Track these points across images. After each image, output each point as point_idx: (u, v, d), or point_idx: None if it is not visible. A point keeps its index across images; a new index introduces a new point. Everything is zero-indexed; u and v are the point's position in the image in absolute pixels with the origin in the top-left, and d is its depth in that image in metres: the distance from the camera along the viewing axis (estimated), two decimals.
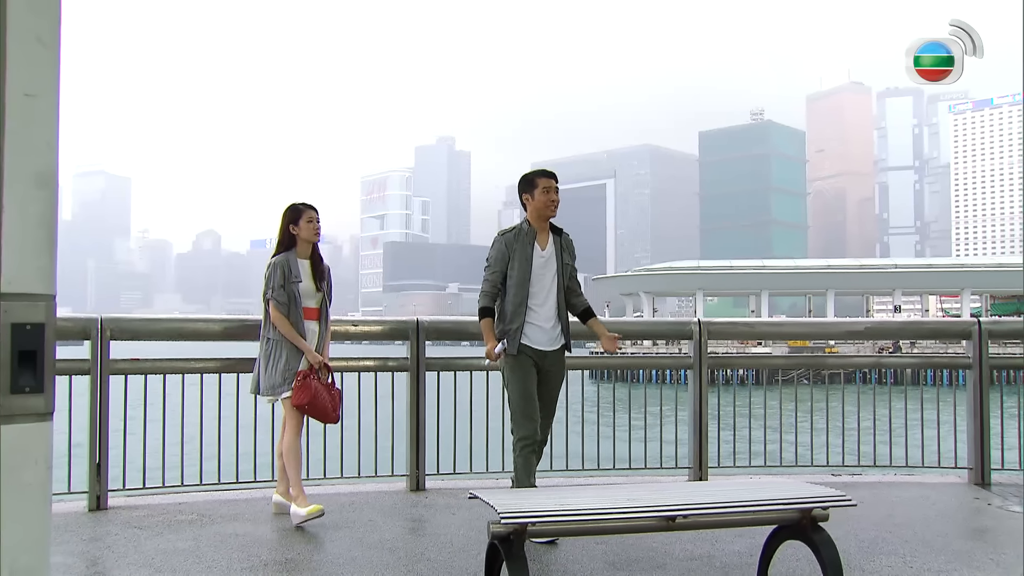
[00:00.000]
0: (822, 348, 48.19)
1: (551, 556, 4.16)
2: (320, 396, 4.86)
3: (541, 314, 4.71)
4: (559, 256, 4.78)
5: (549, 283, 4.73)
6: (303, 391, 4.81)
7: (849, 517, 4.95)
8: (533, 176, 4.89)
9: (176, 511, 5.07)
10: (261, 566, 3.96)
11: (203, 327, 5.70)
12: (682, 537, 4.36)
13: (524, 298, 4.68)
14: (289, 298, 4.90)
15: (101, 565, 4.04)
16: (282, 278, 4.93)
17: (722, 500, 3.07)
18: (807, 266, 74.84)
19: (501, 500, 2.95)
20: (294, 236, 5.06)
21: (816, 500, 3.10)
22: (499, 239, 4.83)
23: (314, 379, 4.85)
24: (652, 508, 2.99)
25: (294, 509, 4.76)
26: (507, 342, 4.65)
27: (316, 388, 4.83)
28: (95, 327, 5.20)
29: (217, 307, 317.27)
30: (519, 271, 4.67)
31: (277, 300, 4.88)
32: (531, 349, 4.69)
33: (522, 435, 4.63)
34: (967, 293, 65.58)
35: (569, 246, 4.89)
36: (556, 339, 4.76)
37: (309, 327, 4.99)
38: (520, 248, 4.71)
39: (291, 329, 4.87)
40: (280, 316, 4.88)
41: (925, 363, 6.82)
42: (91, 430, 5.14)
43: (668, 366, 6.21)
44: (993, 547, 4.35)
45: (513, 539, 2.91)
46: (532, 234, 4.76)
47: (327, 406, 4.92)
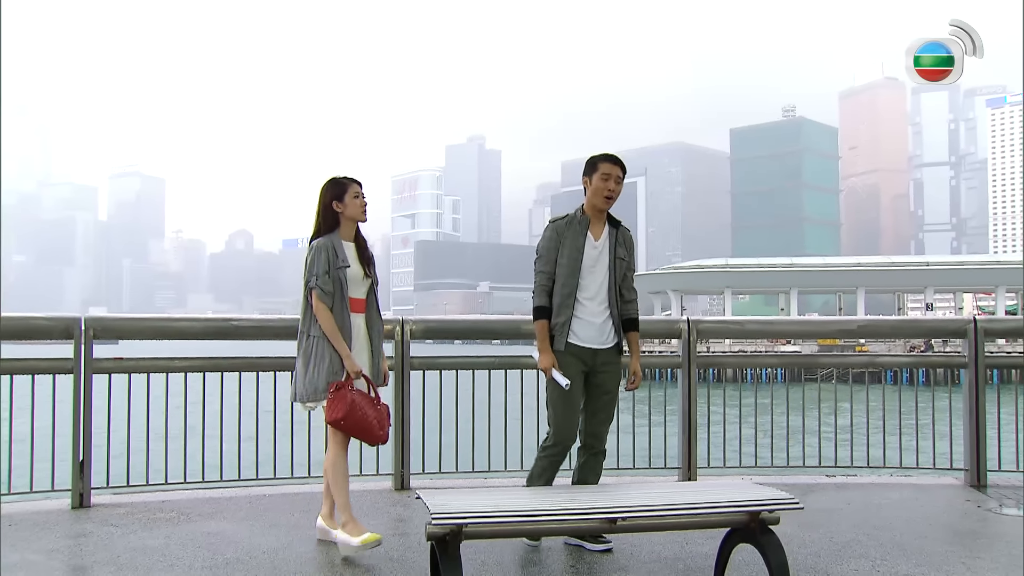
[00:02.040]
0: (852, 347, 47.74)
1: (517, 555, 4.12)
2: (359, 411, 4.15)
3: (591, 308, 4.29)
4: (612, 249, 4.36)
5: (601, 277, 4.31)
6: (336, 405, 4.14)
7: (830, 519, 4.91)
8: (596, 159, 4.41)
9: (157, 509, 5.11)
10: (223, 564, 3.97)
11: (186, 326, 5.73)
12: (652, 538, 4.32)
13: (573, 290, 4.27)
14: (335, 286, 4.24)
15: (68, 562, 4.06)
16: (327, 263, 4.23)
17: (664, 503, 3.02)
18: (837, 264, 73.93)
19: (437, 500, 2.93)
20: (337, 215, 4.36)
21: (762, 503, 3.05)
22: (550, 227, 4.41)
23: (351, 391, 4.16)
24: (589, 510, 2.96)
25: (342, 537, 4.13)
26: (560, 373, 4.19)
27: (353, 401, 4.14)
28: (77, 327, 5.26)
29: (249, 307, 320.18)
30: (569, 261, 4.28)
31: (322, 288, 4.19)
32: (578, 348, 4.27)
33: (554, 442, 4.27)
34: (1002, 290, 64.40)
35: (627, 241, 4.46)
36: (608, 336, 4.32)
37: (355, 321, 4.32)
38: (571, 237, 4.32)
39: (333, 325, 4.20)
40: (323, 308, 4.20)
41: (920, 362, 6.69)
42: (74, 428, 5.19)
43: (656, 365, 6.14)
44: (969, 550, 4.25)
45: (449, 540, 2.89)
46: (585, 223, 4.36)
47: (371, 423, 4.19)
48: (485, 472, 5.91)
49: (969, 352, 5.94)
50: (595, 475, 4.41)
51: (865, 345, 46.66)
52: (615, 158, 4.41)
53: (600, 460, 4.41)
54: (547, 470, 4.32)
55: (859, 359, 6.44)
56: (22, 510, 5.09)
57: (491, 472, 5.92)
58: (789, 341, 49.90)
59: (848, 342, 46.59)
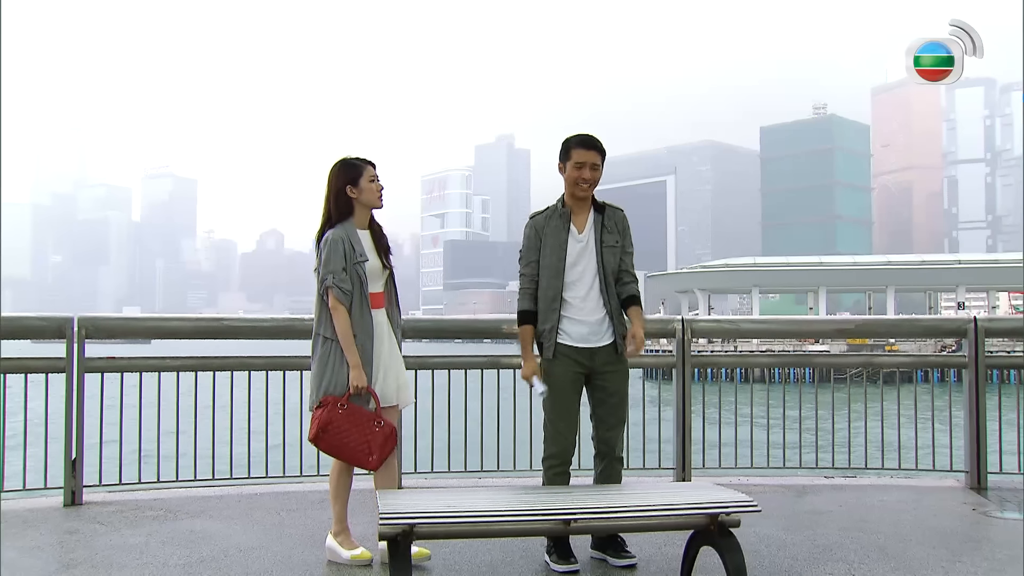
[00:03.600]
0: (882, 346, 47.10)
1: (474, 556, 4.09)
2: (339, 434, 3.78)
3: (583, 308, 3.95)
4: (599, 238, 3.98)
5: (590, 272, 3.97)
6: (313, 423, 3.81)
7: (817, 521, 4.85)
8: (570, 144, 4.00)
9: (146, 507, 5.16)
10: (197, 562, 4.00)
11: (177, 326, 5.80)
12: (629, 539, 4.27)
13: (558, 293, 3.94)
14: (354, 283, 3.88)
15: (48, 559, 4.09)
16: (343, 258, 3.86)
17: (619, 505, 2.99)
18: (866, 262, 72.89)
19: (388, 501, 2.93)
20: (351, 201, 3.96)
21: (719, 506, 3.01)
22: (529, 223, 4.08)
23: (341, 407, 3.78)
24: (542, 512, 2.94)
25: (333, 545, 3.99)
26: (540, 380, 3.96)
27: (331, 422, 3.76)
28: (70, 326, 5.32)
29: (280, 306, 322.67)
30: (551, 260, 3.95)
31: (340, 287, 3.82)
32: (572, 348, 3.95)
33: (549, 453, 4.01)
34: None
35: (619, 223, 4.05)
36: (606, 333, 3.97)
37: (376, 318, 3.98)
38: (552, 232, 3.98)
39: (348, 330, 3.83)
40: (342, 309, 3.82)
41: (920, 363, 6.57)
42: (67, 426, 5.25)
43: (651, 365, 6.09)
44: (952, 553, 4.16)
45: (400, 540, 2.88)
46: (567, 215, 4.00)
47: (353, 448, 3.80)
48: (479, 472, 5.90)
49: (969, 352, 5.83)
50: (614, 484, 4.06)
51: (895, 344, 46.10)
52: (590, 141, 3.99)
53: (616, 467, 4.06)
54: (553, 484, 3.99)
55: (856, 359, 6.34)
56: (15, 507, 5.15)
57: (484, 472, 5.91)
58: (817, 340, 49.38)
59: (878, 341, 46.00)
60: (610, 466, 4.07)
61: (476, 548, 4.17)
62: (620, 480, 4.08)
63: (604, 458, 4.09)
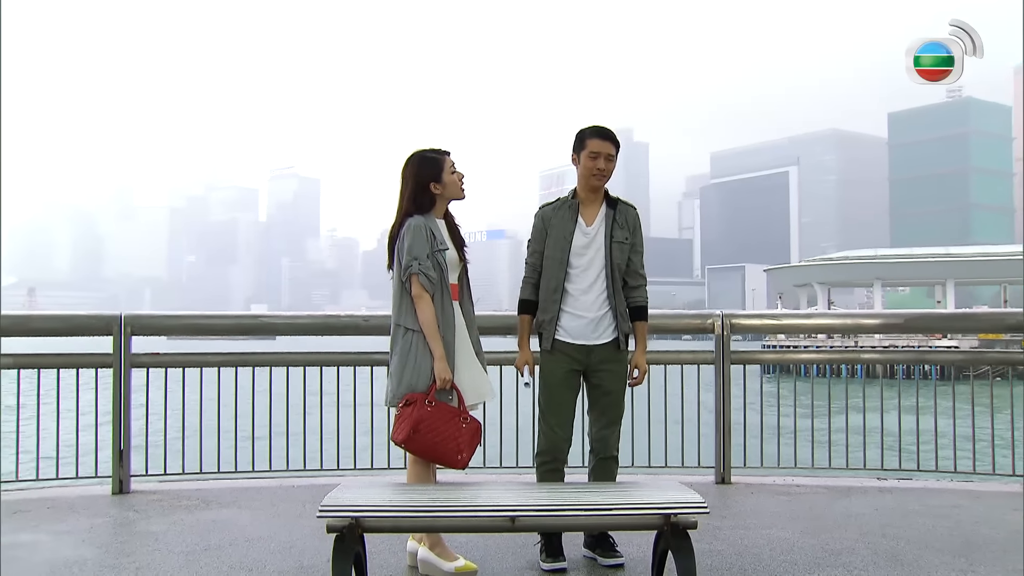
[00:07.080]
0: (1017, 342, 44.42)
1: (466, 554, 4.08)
2: (430, 432, 3.57)
3: (584, 302, 3.90)
4: (609, 233, 3.92)
5: (595, 266, 3.91)
6: (400, 424, 3.62)
7: (840, 524, 4.66)
8: (585, 134, 3.96)
9: (184, 497, 5.40)
10: (202, 550, 4.15)
11: (219, 323, 6.01)
12: (621, 540, 4.15)
13: (560, 284, 3.90)
14: (437, 271, 3.73)
15: (63, 544, 4.30)
16: (428, 244, 3.73)
17: (565, 502, 2.96)
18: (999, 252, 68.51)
19: (335, 494, 2.98)
20: (433, 196, 3.83)
21: (669, 507, 2.93)
22: (537, 214, 4.06)
23: (427, 406, 3.59)
24: (487, 507, 2.93)
25: (431, 558, 3.72)
26: (528, 373, 3.98)
27: (420, 420, 3.55)
28: (117, 323, 5.61)
29: None
30: (555, 251, 3.91)
31: (426, 274, 3.67)
32: (568, 345, 3.90)
33: (540, 450, 3.99)
34: None
35: (630, 219, 3.99)
36: (605, 332, 3.91)
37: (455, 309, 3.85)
38: (559, 223, 3.95)
39: (433, 320, 3.67)
40: (427, 297, 3.67)
41: (975, 359, 6.17)
42: (114, 419, 5.55)
43: (688, 362, 5.95)
44: (969, 563, 3.90)
45: (347, 533, 2.93)
46: (576, 207, 3.97)
47: (444, 447, 3.59)
48: (480, 468, 5.82)
49: None
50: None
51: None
52: (606, 132, 3.93)
53: (611, 466, 4.00)
54: (544, 481, 3.97)
55: (907, 355, 6.04)
56: (67, 494, 5.49)
57: (484, 468, 5.84)
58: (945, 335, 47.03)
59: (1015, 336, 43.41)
60: (604, 464, 4.01)
61: (471, 545, 4.19)
62: (614, 479, 4.02)
63: (598, 456, 4.03)
